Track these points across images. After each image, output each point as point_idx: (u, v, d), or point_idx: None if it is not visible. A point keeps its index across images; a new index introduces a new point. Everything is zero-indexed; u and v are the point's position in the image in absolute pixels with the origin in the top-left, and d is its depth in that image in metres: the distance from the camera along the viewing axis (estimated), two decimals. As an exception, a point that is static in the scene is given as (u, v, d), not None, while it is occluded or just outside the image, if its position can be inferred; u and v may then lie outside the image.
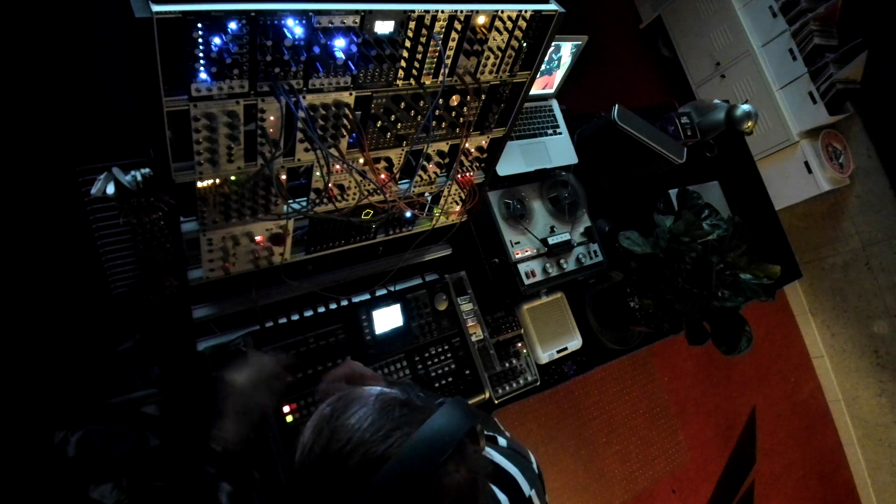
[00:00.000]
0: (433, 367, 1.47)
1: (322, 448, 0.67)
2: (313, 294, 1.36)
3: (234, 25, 0.79)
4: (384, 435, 0.66)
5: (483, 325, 1.57)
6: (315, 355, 1.34)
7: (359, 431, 0.66)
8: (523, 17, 1.05)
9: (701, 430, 3.52)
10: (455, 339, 1.51)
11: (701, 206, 1.79)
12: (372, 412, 0.69)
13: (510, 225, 1.72)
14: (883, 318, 3.71)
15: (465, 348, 1.52)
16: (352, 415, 0.69)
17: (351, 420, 0.68)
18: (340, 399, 0.73)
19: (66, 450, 1.21)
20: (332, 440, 0.67)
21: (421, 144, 1.17)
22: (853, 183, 3.61)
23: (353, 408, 0.70)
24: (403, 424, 0.67)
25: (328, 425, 0.69)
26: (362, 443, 0.65)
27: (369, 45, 0.93)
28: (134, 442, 1.24)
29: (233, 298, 1.28)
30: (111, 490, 1.21)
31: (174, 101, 0.83)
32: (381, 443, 0.65)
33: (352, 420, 0.68)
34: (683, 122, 2.21)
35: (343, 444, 0.66)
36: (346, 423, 0.68)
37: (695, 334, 1.72)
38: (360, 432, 0.66)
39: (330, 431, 0.68)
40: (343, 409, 0.70)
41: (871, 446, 3.99)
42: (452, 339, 1.51)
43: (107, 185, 1.08)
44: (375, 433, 0.66)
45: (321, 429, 0.69)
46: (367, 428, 0.67)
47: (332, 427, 0.68)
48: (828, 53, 3.20)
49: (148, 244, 1.22)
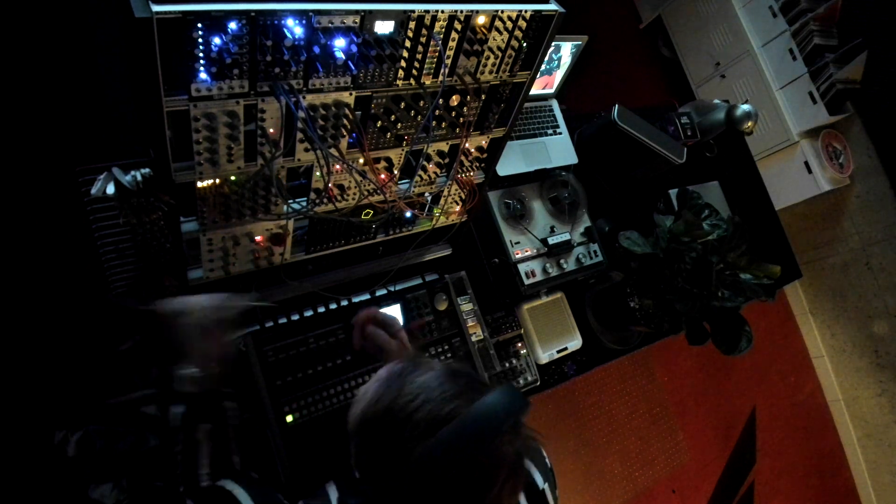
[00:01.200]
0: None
1: (391, 400, 0.72)
2: (313, 294, 1.36)
3: (234, 25, 0.79)
4: (451, 396, 0.71)
5: (483, 325, 1.57)
6: (315, 355, 1.34)
7: (427, 390, 0.72)
8: (523, 17, 1.05)
9: (701, 430, 3.52)
10: (455, 339, 1.51)
11: (701, 206, 1.79)
12: (440, 376, 0.74)
13: (510, 225, 1.72)
14: (883, 318, 3.71)
15: (465, 348, 1.52)
16: (421, 374, 0.75)
17: (420, 378, 0.74)
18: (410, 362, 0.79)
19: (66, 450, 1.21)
20: (402, 394, 0.72)
21: (421, 144, 1.17)
22: (853, 183, 3.61)
23: (422, 370, 0.76)
24: (468, 391, 0.72)
25: (398, 381, 0.74)
26: (430, 400, 0.71)
27: (369, 45, 0.93)
28: (134, 442, 1.24)
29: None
30: (111, 490, 1.21)
31: (174, 101, 0.83)
32: (447, 403, 0.70)
33: (421, 378, 0.74)
34: (683, 122, 2.21)
35: (411, 399, 0.71)
36: (415, 380, 0.74)
37: (695, 334, 1.72)
38: (428, 391, 0.72)
39: (399, 386, 0.73)
40: (412, 370, 0.76)
41: (871, 446, 3.99)
42: (452, 339, 1.51)
43: (107, 185, 1.09)
44: (443, 393, 0.71)
45: (391, 384, 0.74)
46: (435, 388, 0.72)
47: (401, 383, 0.74)
48: (828, 53, 3.20)
49: (148, 244, 1.22)
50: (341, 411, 1.33)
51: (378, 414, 0.73)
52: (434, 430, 0.68)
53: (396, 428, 0.70)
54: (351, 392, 1.35)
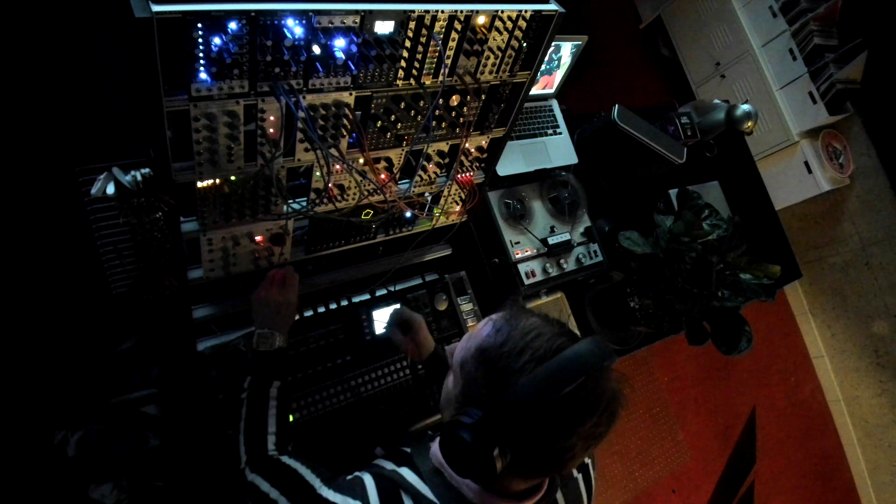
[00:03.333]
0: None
1: (508, 333, 0.80)
2: (313, 294, 1.36)
3: (234, 25, 0.79)
4: (559, 333, 0.80)
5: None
6: (315, 355, 1.34)
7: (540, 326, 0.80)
8: (523, 17, 1.05)
9: (701, 430, 3.52)
10: (455, 339, 1.51)
11: (701, 206, 1.79)
12: (543, 321, 0.82)
13: (510, 225, 1.72)
14: (883, 318, 3.71)
15: (465, 348, 1.52)
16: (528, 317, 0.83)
17: (532, 319, 0.82)
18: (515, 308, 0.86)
19: (66, 450, 1.21)
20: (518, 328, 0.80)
21: (421, 144, 1.17)
22: (853, 183, 3.61)
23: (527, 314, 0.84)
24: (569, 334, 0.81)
25: (511, 321, 0.82)
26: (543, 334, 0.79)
27: (369, 45, 0.93)
28: (134, 442, 1.24)
29: (233, 298, 1.28)
30: (111, 490, 1.21)
31: (174, 101, 0.83)
32: (557, 337, 0.78)
33: (532, 319, 0.82)
34: (683, 122, 2.21)
35: (528, 332, 0.79)
36: (526, 321, 0.81)
37: (695, 334, 1.72)
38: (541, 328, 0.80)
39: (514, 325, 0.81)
40: (519, 315, 0.83)
41: (871, 446, 3.99)
42: (453, 339, 1.51)
43: (107, 185, 1.09)
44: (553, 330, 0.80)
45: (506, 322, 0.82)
46: (546, 325, 0.81)
47: (516, 321, 0.81)
48: (828, 53, 3.20)
49: (148, 244, 1.22)
50: (342, 411, 1.33)
51: (498, 343, 0.79)
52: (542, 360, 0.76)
53: (515, 354, 0.77)
54: (351, 392, 1.36)
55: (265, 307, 1.13)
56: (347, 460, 1.04)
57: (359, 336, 1.39)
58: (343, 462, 1.03)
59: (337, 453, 1.23)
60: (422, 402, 1.42)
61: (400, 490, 0.84)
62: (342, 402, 1.34)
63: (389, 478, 0.87)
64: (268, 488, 0.92)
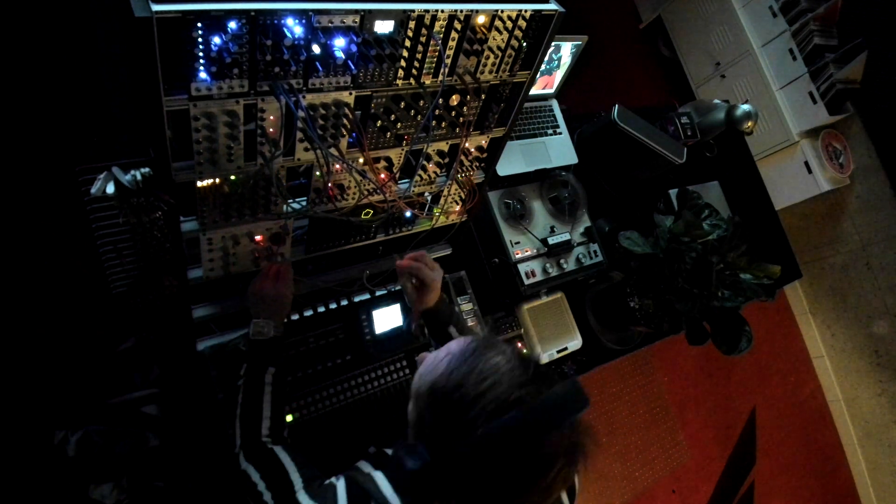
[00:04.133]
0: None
1: (462, 376, 0.75)
2: (313, 294, 1.36)
3: (234, 25, 0.79)
4: (521, 383, 0.74)
5: (483, 325, 1.57)
6: (315, 355, 1.34)
7: (499, 373, 0.74)
8: (523, 16, 1.05)
9: (701, 430, 3.52)
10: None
11: (701, 206, 1.79)
12: (511, 360, 0.77)
13: (510, 225, 1.72)
14: (883, 318, 3.71)
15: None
16: (495, 356, 0.77)
17: (494, 360, 0.76)
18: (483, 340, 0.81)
19: (66, 450, 1.21)
20: (474, 372, 0.75)
21: (421, 144, 1.17)
22: (853, 183, 3.61)
23: (495, 351, 0.78)
24: (536, 381, 0.75)
25: (471, 358, 0.77)
26: (500, 382, 0.73)
27: (369, 45, 0.93)
28: (134, 442, 1.24)
29: (233, 298, 1.28)
30: (111, 490, 1.21)
31: (174, 100, 0.83)
32: (517, 389, 0.73)
33: (494, 360, 0.76)
34: (683, 122, 2.21)
35: (485, 378, 0.74)
36: (490, 360, 0.76)
37: (695, 334, 1.72)
38: (500, 374, 0.74)
39: (473, 364, 0.76)
40: (485, 349, 0.78)
41: (871, 446, 3.99)
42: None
43: (107, 184, 1.08)
44: (514, 378, 0.74)
45: (465, 359, 0.77)
46: (507, 371, 0.75)
47: (475, 361, 0.76)
48: (828, 53, 3.20)
49: (148, 244, 1.22)
50: (341, 411, 1.33)
51: (449, 388, 0.75)
52: (501, 413, 0.71)
53: (465, 405, 0.73)
54: (351, 392, 1.36)
55: (259, 299, 1.14)
56: (346, 460, 1.04)
57: (359, 336, 1.39)
58: (342, 462, 1.03)
59: (336, 453, 1.23)
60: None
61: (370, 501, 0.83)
62: (342, 402, 1.34)
63: (362, 485, 0.85)
64: (257, 479, 0.93)
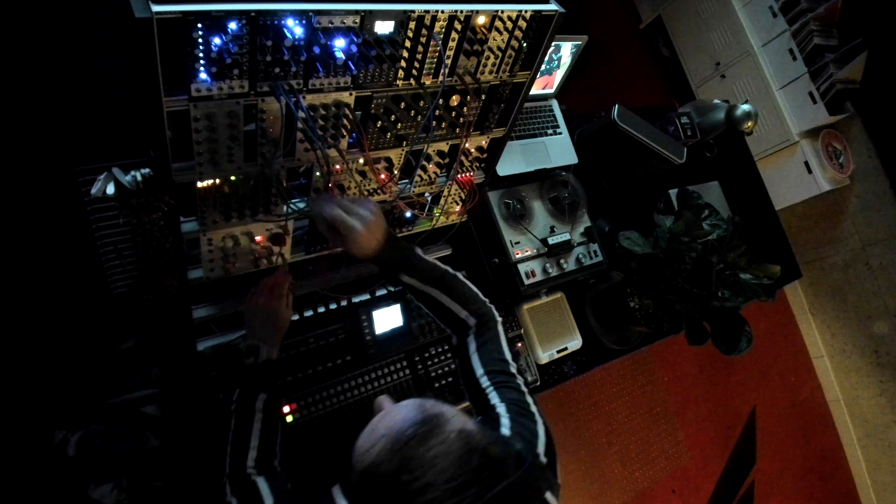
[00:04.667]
0: (433, 368, 1.48)
1: (391, 472, 0.67)
2: (313, 294, 1.36)
3: (234, 25, 0.79)
4: (457, 487, 0.66)
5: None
6: (315, 355, 1.34)
7: (432, 472, 0.66)
8: (523, 17, 1.05)
9: (701, 430, 3.52)
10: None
11: (701, 206, 1.79)
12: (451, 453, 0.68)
13: (510, 225, 1.72)
14: (883, 318, 3.71)
15: (465, 348, 1.51)
16: (431, 448, 0.68)
17: (429, 454, 0.68)
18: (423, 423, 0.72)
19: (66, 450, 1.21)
20: (404, 469, 0.67)
21: (421, 144, 1.17)
22: (853, 183, 3.61)
23: (433, 440, 0.69)
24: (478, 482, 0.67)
25: (405, 449, 0.69)
26: (433, 485, 0.66)
27: (369, 46, 0.93)
28: (134, 442, 1.24)
29: (233, 298, 1.28)
30: (111, 490, 1.21)
31: (174, 101, 0.83)
32: (452, 495, 0.65)
33: (429, 455, 0.68)
34: (683, 122, 2.20)
35: (413, 479, 0.66)
36: (423, 455, 0.68)
37: (695, 334, 1.72)
38: (433, 473, 0.66)
39: (404, 458, 0.68)
40: (423, 439, 0.69)
41: (871, 446, 3.99)
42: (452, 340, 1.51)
43: (107, 185, 1.09)
44: (449, 481, 0.66)
45: (398, 449, 0.69)
46: (443, 470, 0.67)
47: (408, 454, 0.68)
48: (828, 53, 3.20)
49: (148, 244, 1.22)
50: (341, 412, 1.33)
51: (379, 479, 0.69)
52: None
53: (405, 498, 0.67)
54: (351, 392, 1.36)
55: (252, 317, 1.11)
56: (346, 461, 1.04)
57: (359, 336, 1.39)
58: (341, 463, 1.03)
59: (336, 454, 1.23)
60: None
61: None
62: (342, 403, 1.34)
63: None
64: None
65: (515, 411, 0.92)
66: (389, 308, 1.43)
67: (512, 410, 0.92)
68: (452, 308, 1.07)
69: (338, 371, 1.36)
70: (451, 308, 1.07)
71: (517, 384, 0.97)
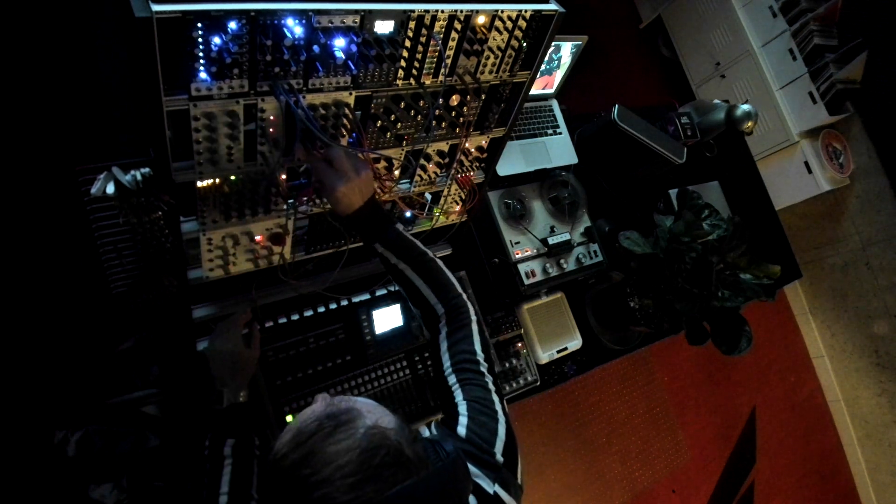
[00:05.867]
0: (433, 367, 1.48)
1: (293, 464, 0.67)
2: (313, 294, 1.36)
3: (234, 25, 0.79)
4: (354, 483, 0.65)
5: (483, 324, 1.57)
6: (315, 355, 1.34)
7: (331, 467, 0.66)
8: (523, 17, 1.05)
9: (701, 430, 3.52)
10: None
11: (701, 206, 1.79)
12: (354, 449, 0.67)
13: (510, 225, 1.72)
14: (883, 318, 3.71)
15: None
16: (334, 443, 0.68)
17: (330, 449, 0.67)
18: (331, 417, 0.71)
19: (66, 450, 1.20)
20: (305, 463, 0.67)
21: (421, 144, 1.17)
22: (853, 183, 3.61)
23: (339, 435, 0.69)
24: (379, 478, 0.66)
25: (308, 443, 0.68)
26: (329, 481, 0.65)
27: (369, 45, 0.93)
28: (134, 442, 1.24)
29: (233, 298, 1.28)
30: (111, 490, 1.21)
31: (174, 100, 0.83)
32: (348, 491, 0.65)
33: (331, 449, 0.67)
34: (683, 122, 2.21)
35: (312, 472, 0.66)
36: (325, 449, 0.67)
37: (695, 334, 1.72)
38: (332, 468, 0.66)
39: (307, 451, 0.68)
40: (329, 433, 0.69)
41: (871, 446, 3.99)
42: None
43: (107, 184, 1.08)
44: (346, 477, 0.65)
45: (301, 443, 0.69)
46: (341, 466, 0.66)
47: (310, 447, 0.68)
48: (828, 53, 3.20)
49: (148, 244, 1.22)
50: (341, 411, 1.33)
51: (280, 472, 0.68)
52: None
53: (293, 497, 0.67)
54: (351, 392, 1.35)
55: (212, 361, 1.09)
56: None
57: (359, 336, 1.39)
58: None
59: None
60: (422, 403, 1.42)
61: None
62: (342, 402, 1.34)
63: None
64: None
65: (476, 409, 0.91)
66: (389, 308, 1.43)
67: (472, 409, 0.91)
68: (423, 292, 1.04)
69: (338, 371, 1.36)
70: (423, 292, 1.04)
71: (484, 382, 0.95)
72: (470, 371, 0.96)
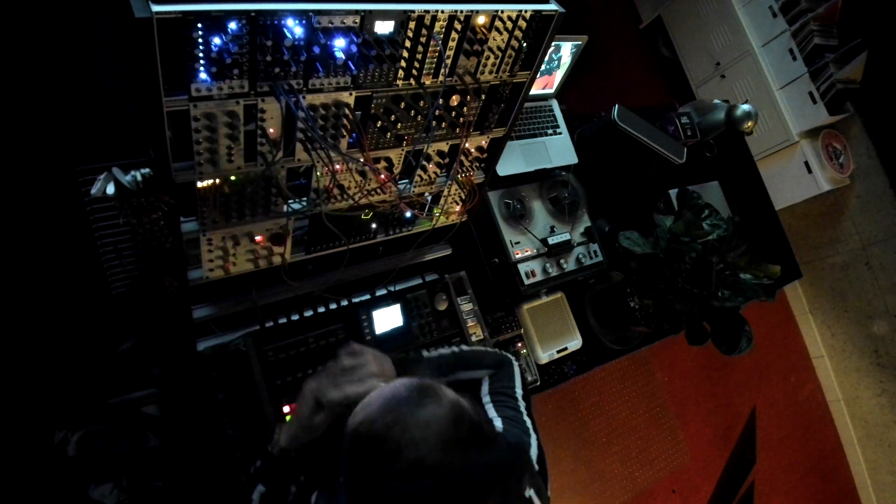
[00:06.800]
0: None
1: (385, 427, 0.69)
2: (313, 294, 1.36)
3: (234, 25, 0.79)
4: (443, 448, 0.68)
5: (483, 325, 1.57)
6: (315, 355, 1.34)
7: (425, 429, 0.68)
8: (523, 17, 1.05)
9: (701, 430, 3.52)
10: (455, 339, 1.51)
11: (701, 206, 1.79)
12: (444, 417, 0.70)
13: (510, 225, 1.72)
14: (883, 318, 3.71)
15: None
16: (425, 409, 0.70)
17: (423, 414, 0.70)
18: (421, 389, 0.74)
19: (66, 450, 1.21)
20: (397, 424, 0.69)
21: (421, 144, 1.17)
22: (853, 183, 3.61)
23: (428, 401, 0.71)
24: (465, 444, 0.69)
25: (399, 409, 0.70)
26: (423, 441, 0.67)
27: (369, 45, 0.93)
28: (134, 442, 1.24)
29: (233, 298, 1.28)
30: (111, 490, 1.21)
31: (174, 101, 0.83)
32: (439, 452, 0.67)
33: (424, 414, 0.70)
34: (683, 122, 2.20)
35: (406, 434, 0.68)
36: (417, 413, 0.70)
37: (695, 334, 1.72)
38: (425, 430, 0.68)
39: (398, 416, 0.70)
40: (419, 399, 0.72)
41: (871, 446, 3.99)
42: (452, 339, 1.51)
43: (107, 185, 1.09)
44: (438, 441, 0.68)
45: (393, 407, 0.71)
46: (432, 431, 0.68)
47: (402, 413, 0.70)
48: (828, 53, 3.20)
49: (148, 244, 1.22)
50: (341, 411, 1.33)
51: (370, 436, 0.70)
52: (416, 475, 0.66)
53: (382, 458, 0.68)
54: (351, 392, 1.35)
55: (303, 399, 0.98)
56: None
57: (359, 336, 1.38)
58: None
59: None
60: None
61: None
62: (342, 402, 1.34)
63: None
64: None
65: (510, 423, 0.94)
66: (389, 308, 1.43)
67: (507, 422, 0.94)
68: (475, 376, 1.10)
69: (338, 371, 1.35)
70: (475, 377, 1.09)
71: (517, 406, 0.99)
72: (504, 395, 1.01)
